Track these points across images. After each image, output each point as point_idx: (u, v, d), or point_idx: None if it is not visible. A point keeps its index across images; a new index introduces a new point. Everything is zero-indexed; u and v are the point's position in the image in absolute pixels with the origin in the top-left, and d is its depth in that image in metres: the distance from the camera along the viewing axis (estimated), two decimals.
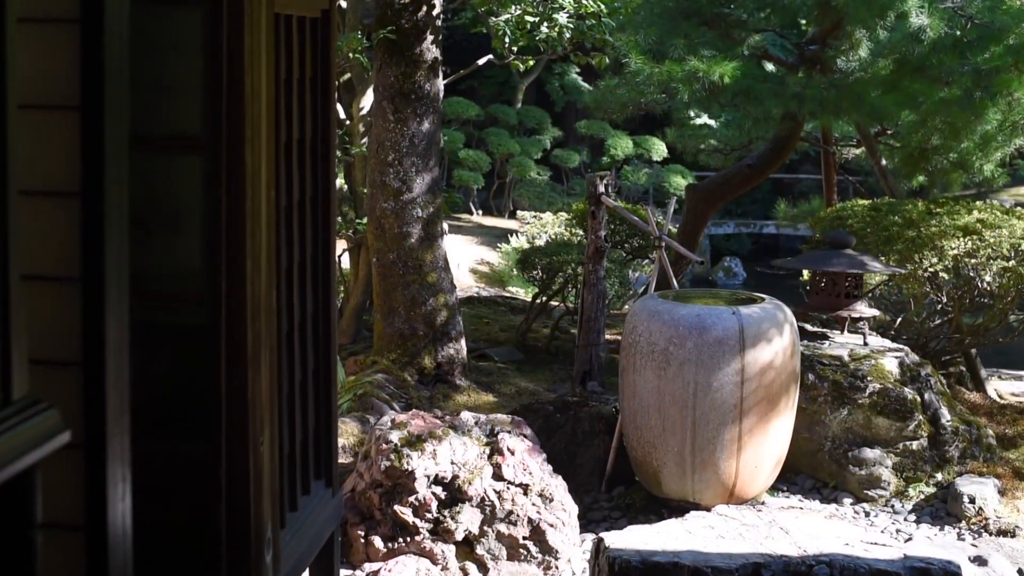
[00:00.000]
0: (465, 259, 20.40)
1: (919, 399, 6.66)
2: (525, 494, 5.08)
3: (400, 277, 7.67)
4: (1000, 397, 10.17)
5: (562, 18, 8.42)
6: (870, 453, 6.46)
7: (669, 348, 5.58)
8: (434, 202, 7.71)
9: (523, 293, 11.95)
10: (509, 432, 5.36)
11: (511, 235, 21.14)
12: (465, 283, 17.89)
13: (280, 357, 2.66)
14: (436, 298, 7.77)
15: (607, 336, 10.20)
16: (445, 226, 10.13)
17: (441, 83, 7.72)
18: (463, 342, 8.04)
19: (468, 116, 26.11)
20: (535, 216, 21.36)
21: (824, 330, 7.65)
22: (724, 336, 5.52)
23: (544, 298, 9.74)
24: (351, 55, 7.92)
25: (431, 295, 7.75)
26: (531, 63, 9.51)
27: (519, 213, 25.93)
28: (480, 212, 26.81)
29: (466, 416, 5.55)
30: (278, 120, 2.49)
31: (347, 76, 8.98)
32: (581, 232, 10.39)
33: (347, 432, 6.31)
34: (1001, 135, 9.39)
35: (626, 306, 13.20)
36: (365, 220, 8.16)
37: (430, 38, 7.45)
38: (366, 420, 6.54)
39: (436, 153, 7.75)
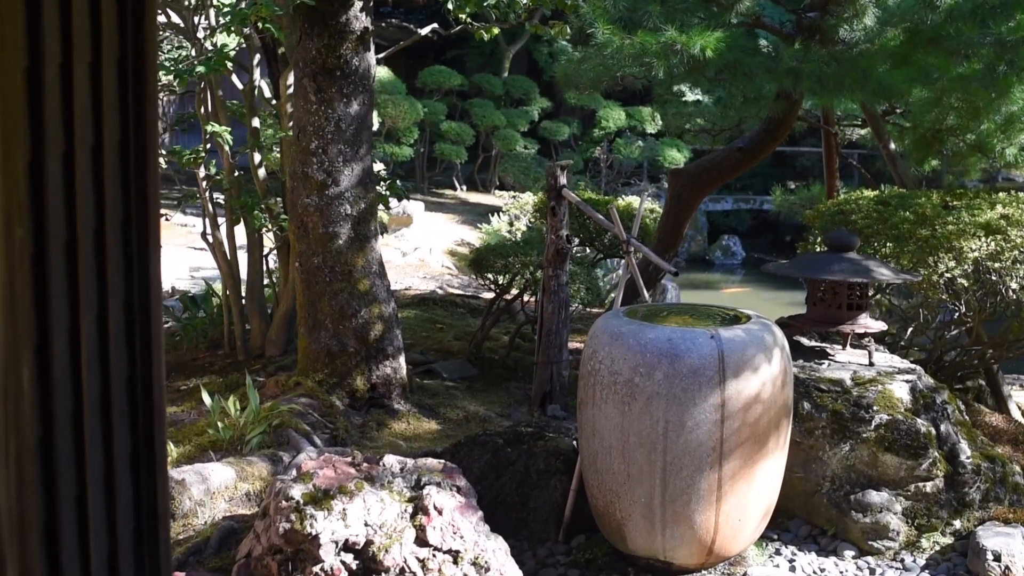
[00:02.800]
0: (443, 240, 20.36)
1: (934, 432, 6.16)
2: (455, 563, 4.54)
3: (327, 285, 7.11)
4: None
5: None
6: (876, 496, 5.97)
7: (635, 379, 5.05)
8: (366, 196, 7.13)
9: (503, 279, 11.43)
10: (438, 484, 4.82)
11: (494, 213, 21.35)
12: (436, 270, 17.61)
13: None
14: (370, 309, 7.22)
15: (577, 346, 9.72)
16: (383, 220, 9.60)
17: (373, 57, 7.13)
18: (402, 359, 7.49)
19: (451, 86, 26.66)
20: (513, 196, 21.38)
21: (823, 345, 7.13)
22: (701, 364, 4.98)
23: (502, 303, 9.19)
24: (260, 25, 7.31)
25: (363, 305, 7.19)
26: (495, 31, 8.92)
27: (497, 192, 26.21)
28: (464, 187, 27.32)
29: (389, 461, 5.00)
30: (39, 116, 1.90)
31: (282, 50, 8.37)
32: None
33: (253, 475, 5.76)
34: (1014, 116, 8.87)
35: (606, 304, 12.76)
36: None
37: (359, 4, 6.86)
38: (279, 459, 5.99)
39: (368, 139, 7.17)
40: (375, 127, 22.20)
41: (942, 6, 7.70)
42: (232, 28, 6.96)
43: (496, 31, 9.05)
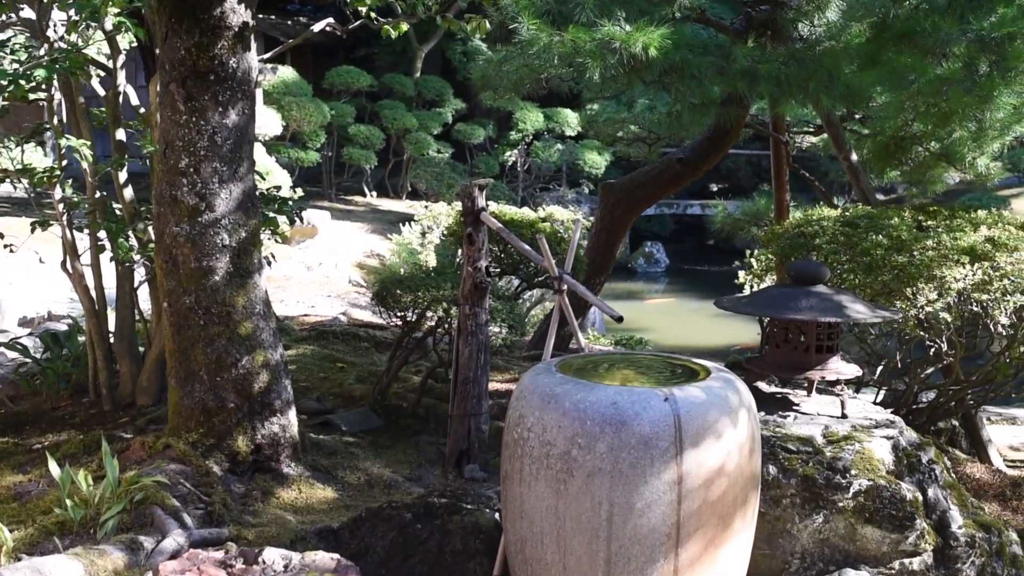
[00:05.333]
0: (351, 251, 20.10)
1: (921, 497, 5.70)
2: None
3: (201, 329, 6.43)
4: (1005, 460, 9.32)
5: None
6: None
7: (572, 451, 4.45)
8: (247, 223, 6.46)
9: (411, 316, 10.72)
10: None
11: (406, 223, 21.18)
12: (343, 287, 17.19)
13: None
14: (253, 356, 6.55)
15: (498, 386, 9.15)
16: (284, 232, 8.97)
17: (255, 58, 6.47)
18: (292, 414, 6.84)
19: (359, 87, 27.04)
20: (426, 206, 21.34)
21: (785, 392, 6.60)
22: (653, 433, 4.39)
23: (411, 340, 8.56)
24: (115, 18, 6.63)
25: (245, 353, 6.52)
26: (404, 28, 8.32)
27: (409, 201, 26.13)
28: (374, 194, 27.74)
29: (271, 557, 4.38)
30: None
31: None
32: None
33: (105, 570, 5.06)
34: (1000, 123, 8.44)
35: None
36: None
37: None
38: (138, 547, 5.31)
39: (249, 155, 6.50)
40: (279, 131, 21.72)
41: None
42: (83, 23, 6.27)
43: (405, 27, 8.46)
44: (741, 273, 11.45)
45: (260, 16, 6.50)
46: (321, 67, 28.15)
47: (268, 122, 21.22)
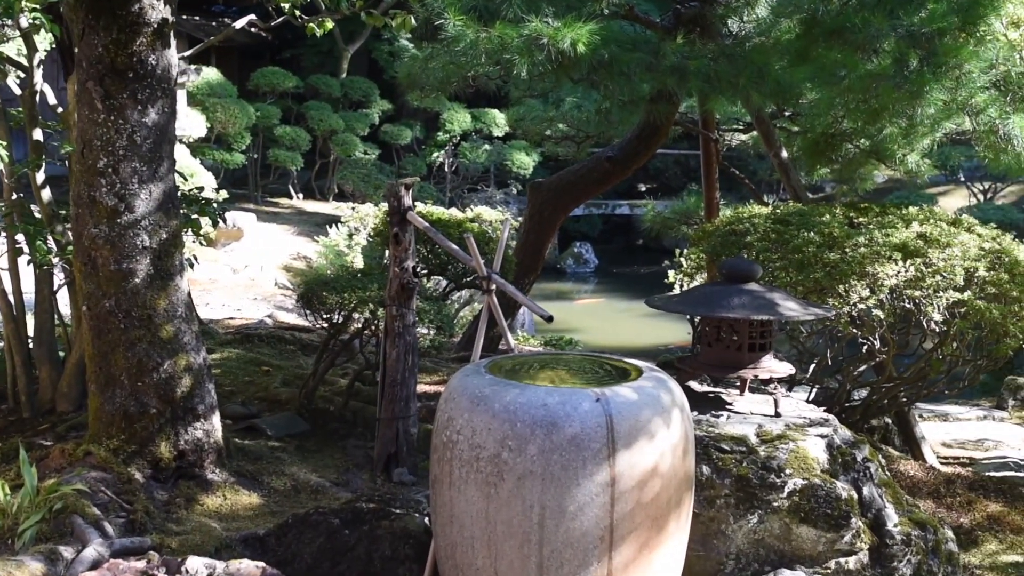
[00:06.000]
0: (278, 254, 20.00)
1: (856, 496, 5.70)
2: None
3: (122, 333, 6.32)
4: (938, 456, 9.37)
5: None
6: None
7: (502, 454, 4.38)
8: (167, 224, 6.35)
9: (337, 318, 10.56)
10: None
11: (333, 225, 21.25)
12: (269, 290, 17.08)
13: None
14: (175, 360, 6.45)
15: (426, 388, 9.08)
16: (209, 234, 8.85)
17: (175, 55, 6.36)
18: (216, 419, 6.74)
19: (285, 88, 27.16)
20: (353, 208, 21.30)
21: (717, 391, 6.57)
22: (584, 435, 4.34)
23: (338, 342, 8.47)
24: (31, 15, 6.49)
25: (167, 356, 6.42)
26: (329, 26, 8.23)
27: (335, 202, 26.08)
28: (300, 196, 27.97)
29: (194, 566, 4.28)
30: None
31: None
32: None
33: None
34: (929, 119, 8.45)
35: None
36: None
37: None
38: (58, 557, 5.19)
39: (170, 154, 6.39)
40: (203, 133, 21.53)
41: None
42: None
43: (330, 25, 8.38)
44: (671, 272, 11.44)
45: (184, 17, 6.41)
46: (246, 69, 28.02)
47: (192, 124, 21.03)
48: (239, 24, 7.77)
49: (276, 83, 26.27)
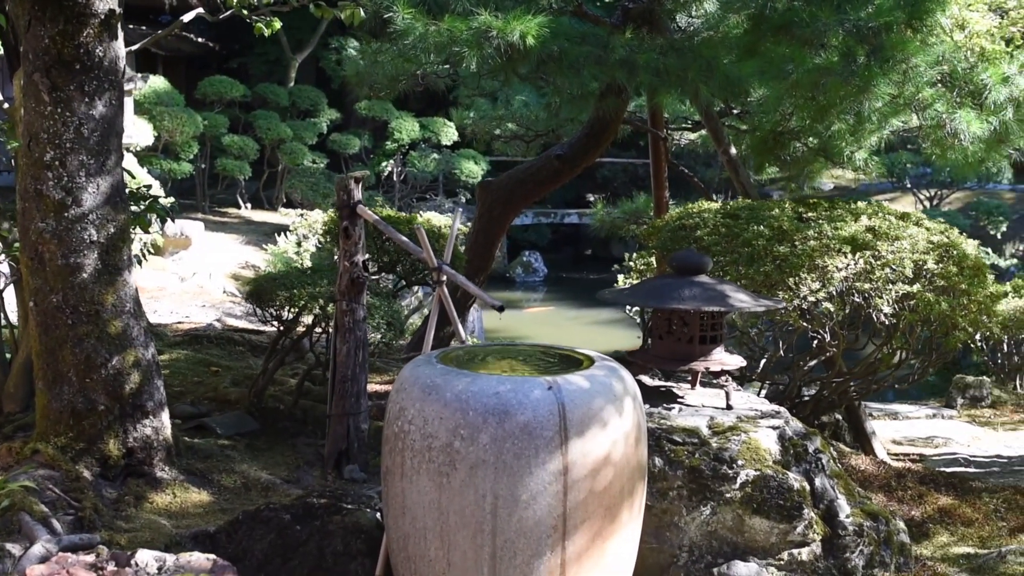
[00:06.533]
0: (226, 262, 19.90)
1: (808, 487, 5.72)
2: None
3: (69, 328, 6.25)
4: (889, 453, 9.43)
5: None
6: (743, 568, 5.49)
7: (454, 443, 4.37)
8: (116, 218, 6.30)
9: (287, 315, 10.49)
10: None
11: (281, 233, 21.18)
12: (217, 297, 16.97)
13: None
14: (123, 356, 6.38)
15: (377, 388, 9.05)
16: (157, 242, 8.79)
17: (122, 47, 6.31)
18: (165, 416, 6.68)
19: (233, 97, 27.00)
20: (301, 214, 21.27)
21: (669, 385, 6.59)
22: (536, 423, 4.33)
23: (289, 340, 8.43)
24: None
25: (116, 352, 6.35)
26: (277, 25, 8.17)
27: (284, 210, 26.04)
28: (248, 206, 27.85)
29: (144, 559, 4.26)
30: None
31: None
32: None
33: None
34: (876, 116, 8.50)
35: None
36: None
37: None
38: (5, 554, 5.13)
39: (118, 147, 6.34)
40: (151, 141, 21.38)
41: None
42: None
43: (278, 25, 8.30)
44: (620, 277, 11.47)
45: (130, 27, 6.35)
46: (194, 77, 27.89)
47: (140, 132, 20.86)
48: (187, 17, 7.69)
49: (224, 92, 26.13)
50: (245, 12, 8.02)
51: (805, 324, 7.63)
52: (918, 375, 8.33)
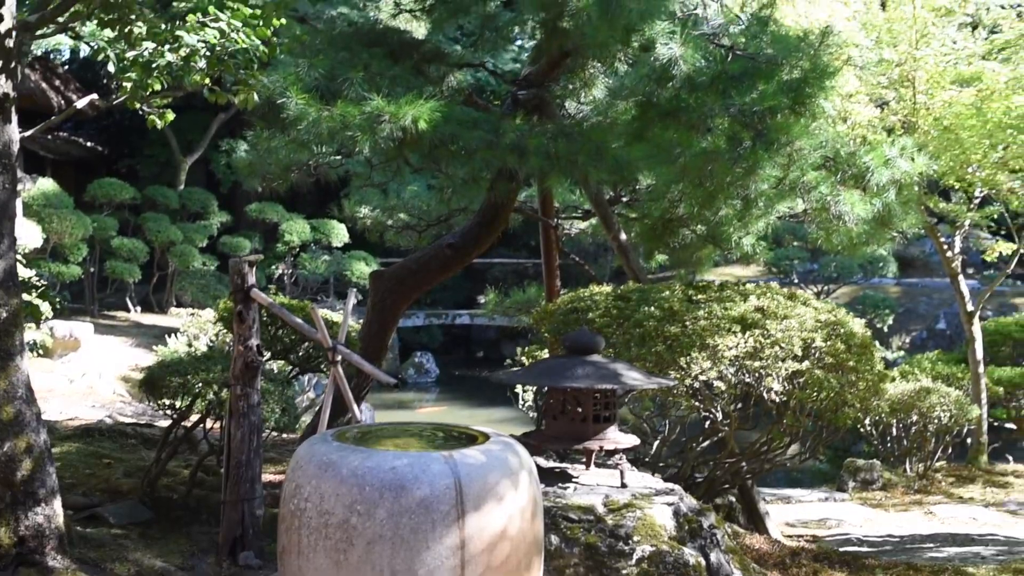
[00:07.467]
0: (116, 364, 19.64)
1: (703, 562, 5.78)
2: None
3: None
4: (784, 534, 9.53)
5: (190, 39, 7.09)
6: None
7: (351, 519, 4.39)
8: (8, 303, 6.24)
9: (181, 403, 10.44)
10: None
11: (171, 335, 20.95)
12: (107, 397, 16.73)
13: None
14: (15, 442, 6.29)
15: (271, 478, 8.99)
16: (46, 344, 8.68)
17: (16, 131, 6.30)
18: (58, 503, 6.58)
19: (122, 199, 26.68)
20: (192, 314, 21.09)
21: (564, 465, 6.65)
22: (433, 497, 4.37)
23: (182, 430, 8.36)
24: None
25: (7, 438, 6.26)
26: (170, 117, 8.14)
27: (174, 311, 25.79)
28: (138, 309, 27.35)
29: None
30: None
31: None
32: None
33: None
34: (763, 200, 8.67)
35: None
36: None
37: None
38: None
39: (10, 231, 6.30)
40: (39, 243, 21.11)
41: (679, 75, 7.42)
42: None
43: (171, 117, 8.26)
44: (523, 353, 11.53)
45: (21, 132, 6.35)
46: (83, 180, 27.59)
47: (28, 234, 20.53)
48: (81, 103, 7.68)
49: (113, 194, 25.90)
50: (137, 104, 8.01)
51: (697, 403, 7.73)
52: (809, 452, 8.45)
